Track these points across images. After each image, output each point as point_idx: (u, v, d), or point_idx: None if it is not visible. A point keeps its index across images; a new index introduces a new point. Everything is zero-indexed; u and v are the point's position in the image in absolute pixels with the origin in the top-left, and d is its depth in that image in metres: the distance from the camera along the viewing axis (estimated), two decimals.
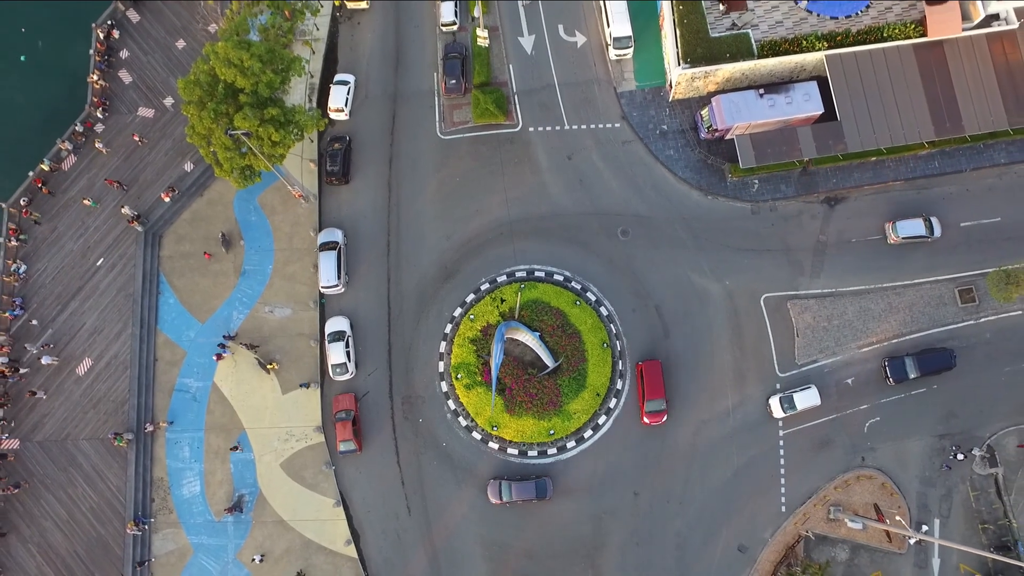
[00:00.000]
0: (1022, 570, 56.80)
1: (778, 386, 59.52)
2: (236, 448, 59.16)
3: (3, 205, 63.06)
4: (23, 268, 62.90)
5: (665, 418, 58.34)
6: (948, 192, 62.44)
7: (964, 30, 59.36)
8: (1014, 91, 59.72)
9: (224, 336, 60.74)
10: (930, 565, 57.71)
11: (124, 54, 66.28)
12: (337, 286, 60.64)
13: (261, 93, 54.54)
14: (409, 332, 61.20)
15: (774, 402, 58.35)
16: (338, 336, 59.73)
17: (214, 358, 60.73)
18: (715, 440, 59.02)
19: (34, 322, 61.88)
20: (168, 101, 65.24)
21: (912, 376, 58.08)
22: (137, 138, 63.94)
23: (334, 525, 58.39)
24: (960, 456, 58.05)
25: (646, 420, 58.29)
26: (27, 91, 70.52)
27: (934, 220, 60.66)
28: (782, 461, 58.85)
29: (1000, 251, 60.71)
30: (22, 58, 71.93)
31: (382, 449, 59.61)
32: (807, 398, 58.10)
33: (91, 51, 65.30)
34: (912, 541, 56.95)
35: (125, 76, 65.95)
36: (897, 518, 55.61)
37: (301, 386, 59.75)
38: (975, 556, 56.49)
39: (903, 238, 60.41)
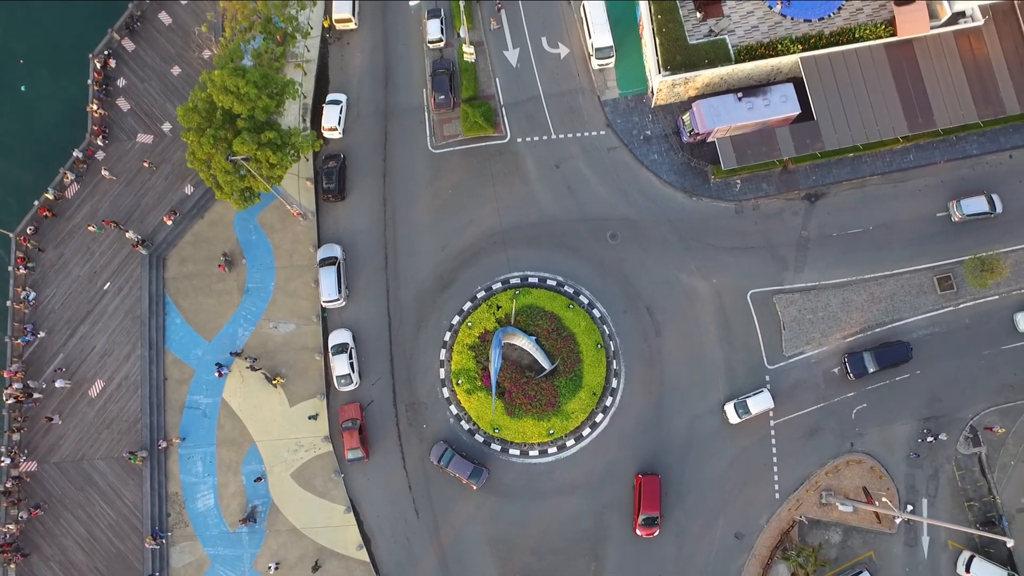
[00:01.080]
0: (1007, 544, 59.23)
1: (772, 374, 61.80)
2: (260, 480, 61.13)
3: (10, 235, 64.92)
4: (32, 295, 64.82)
5: (657, 532, 59.09)
6: (924, 184, 64.71)
7: (932, 28, 61.42)
8: (982, 85, 61.97)
9: (231, 353, 62.76)
10: (920, 543, 60.02)
11: (121, 82, 68.19)
12: (338, 300, 62.69)
13: (258, 118, 56.51)
14: (410, 341, 63.31)
15: (729, 408, 60.25)
16: (341, 348, 61.82)
17: (215, 375, 62.66)
18: (709, 432, 61.22)
19: (42, 333, 63.50)
20: (166, 127, 67.17)
21: (871, 370, 60.17)
22: (147, 164, 65.82)
23: (345, 531, 60.51)
24: (929, 439, 60.35)
25: (638, 532, 59.07)
26: (28, 121, 72.39)
27: (995, 197, 62.54)
28: (774, 450, 61.08)
29: (975, 239, 62.93)
30: (22, 88, 73.77)
31: (389, 455, 61.72)
32: (760, 402, 60.01)
33: (89, 81, 67.19)
34: (898, 520, 59.25)
35: (123, 104, 67.87)
36: (883, 499, 57.94)
37: (310, 419, 61.69)
38: (963, 532, 58.85)
39: (967, 215, 62.36)
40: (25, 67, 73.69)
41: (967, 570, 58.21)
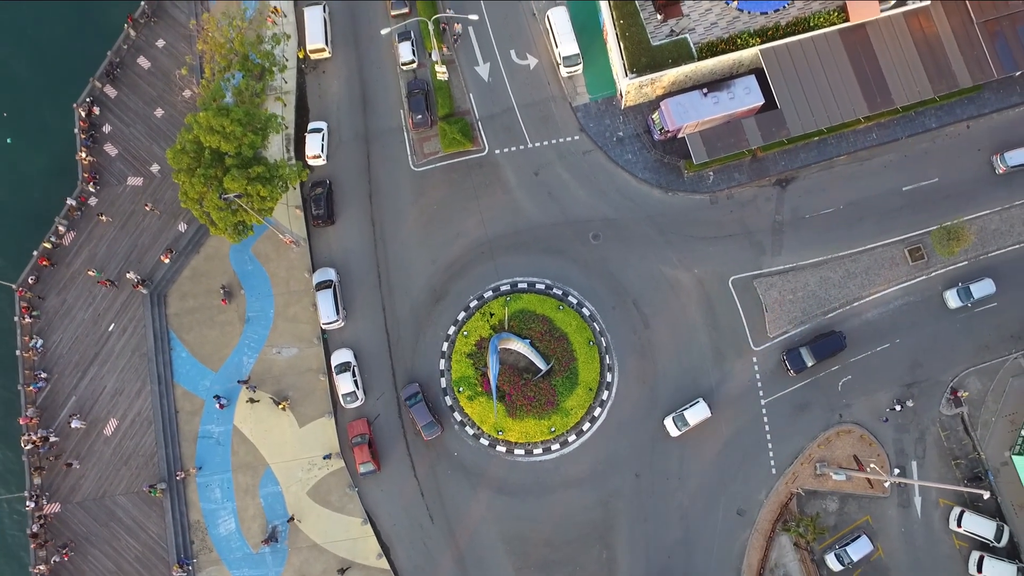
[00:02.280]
0: (994, 497, 62.22)
1: (758, 355, 64.46)
2: (292, 519, 63.17)
3: (12, 286, 66.77)
4: (40, 342, 66.73)
5: None
6: (889, 160, 67.44)
7: (882, 11, 64.04)
8: (934, 61, 64.65)
9: (238, 381, 64.91)
10: (913, 503, 62.85)
11: (107, 128, 70.07)
12: (337, 321, 64.91)
13: (245, 154, 58.62)
14: (409, 355, 65.60)
15: (668, 422, 62.47)
16: (344, 367, 64.06)
17: (217, 407, 64.77)
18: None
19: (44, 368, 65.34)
20: (155, 168, 69.11)
21: (809, 364, 62.55)
22: (148, 207, 67.63)
23: (364, 542, 62.85)
24: (897, 407, 63.17)
25: None
26: (18, 173, 74.07)
27: None
28: (767, 428, 63.76)
29: (941, 209, 65.84)
30: (8, 140, 75.44)
31: (399, 465, 64.06)
32: (697, 412, 62.23)
33: (75, 130, 69.02)
34: (887, 484, 62.05)
35: (111, 149, 69.75)
36: (872, 465, 60.77)
37: (324, 458, 63.72)
38: (952, 489, 61.72)
39: (1012, 167, 64.98)
40: (9, 120, 75.30)
41: (959, 524, 61.15)
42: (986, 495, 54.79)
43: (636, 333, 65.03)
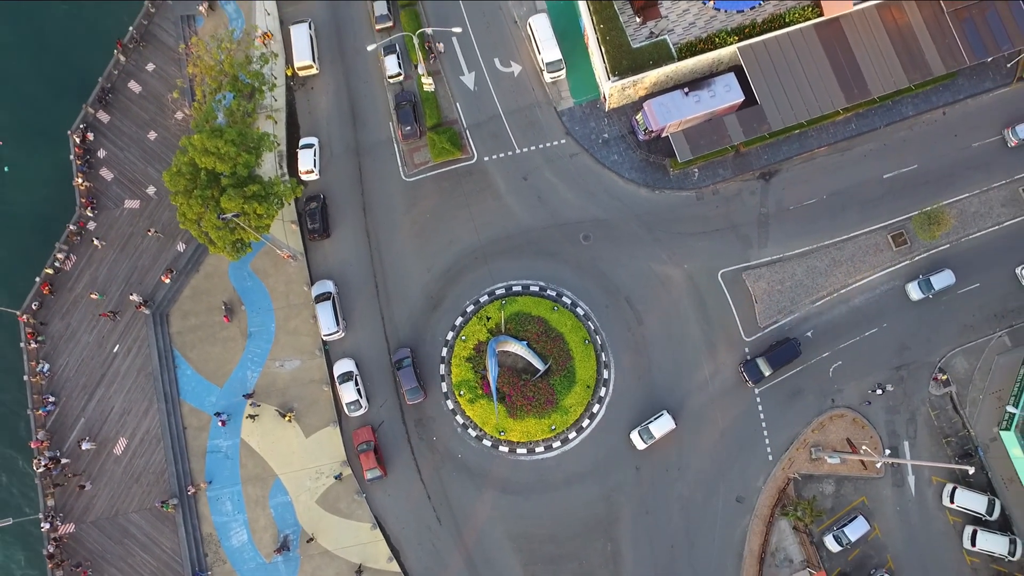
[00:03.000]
0: (986, 474, 63.94)
1: (750, 346, 66.10)
2: (312, 540, 64.39)
3: (16, 312, 67.95)
4: (47, 367, 67.96)
5: None
6: (869, 149, 69.12)
7: (855, 5, 65.65)
8: (908, 51, 66.28)
9: (243, 396, 66.26)
10: (907, 482, 64.58)
11: (102, 153, 71.27)
12: (337, 332, 66.28)
13: (240, 173, 59.95)
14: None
15: (634, 435, 63.89)
16: (347, 376, 65.46)
17: (219, 424, 66.12)
18: (698, 408, 65.37)
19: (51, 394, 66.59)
20: (151, 190, 70.35)
21: (767, 373, 63.97)
22: (151, 232, 68.90)
23: (375, 546, 64.27)
24: (879, 391, 64.87)
25: None
26: (16, 201, 75.08)
27: None
28: (762, 416, 65.37)
29: (921, 195, 67.58)
30: (5, 169, 76.52)
31: (405, 470, 65.49)
32: (662, 425, 63.64)
33: (71, 156, 70.22)
34: (879, 464, 63.75)
35: (106, 174, 70.98)
36: (864, 447, 62.46)
37: (335, 478, 65.03)
38: (946, 468, 63.45)
39: (1022, 140, 67.00)
40: (4, 148, 76.30)
41: (952, 500, 62.91)
42: (971, 471, 56.42)
43: (630, 330, 66.56)
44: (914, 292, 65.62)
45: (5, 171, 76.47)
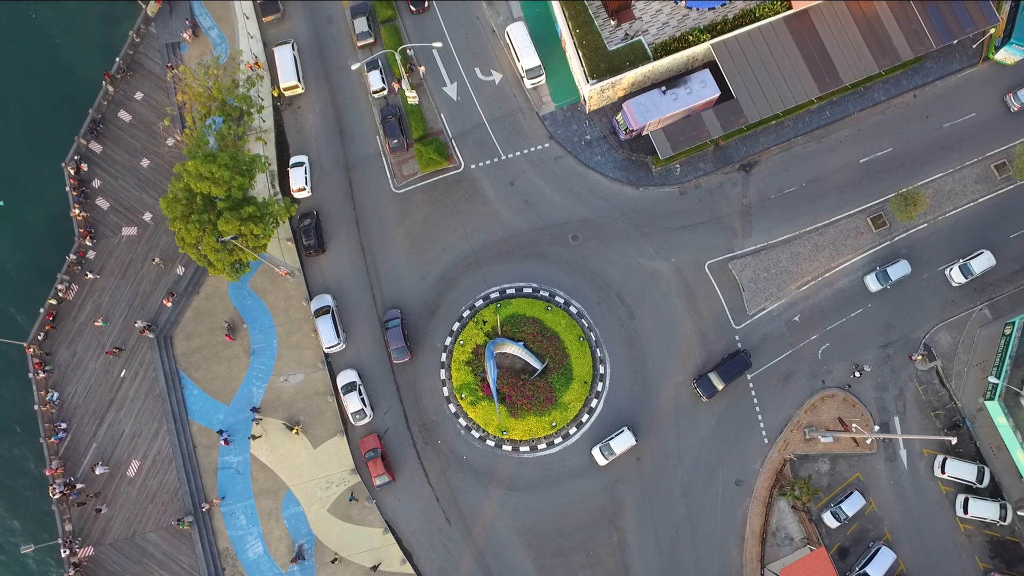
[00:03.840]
0: (974, 443, 66.07)
1: (740, 333, 68.05)
2: (336, 559, 65.92)
3: (23, 344, 69.43)
4: (56, 395, 69.47)
5: None
6: (844, 135, 71.07)
7: None
8: (876, 38, 68.12)
9: (251, 409, 67.95)
10: (899, 457, 66.63)
11: (96, 183, 72.71)
12: (338, 344, 67.95)
13: (235, 196, 61.54)
14: (410, 368, 68.68)
15: (596, 452, 65.54)
16: (350, 387, 67.19)
17: (222, 443, 67.71)
18: (693, 396, 67.27)
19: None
20: (147, 216, 71.85)
21: (719, 387, 65.46)
22: (156, 261, 70.29)
23: (387, 550, 66.06)
24: (857, 374, 66.93)
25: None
26: (14, 235, 76.48)
27: None
28: (755, 401, 67.34)
29: (897, 177, 69.60)
30: (1, 203, 77.86)
31: (412, 474, 67.29)
32: (623, 442, 65.26)
33: (67, 188, 71.64)
34: (869, 441, 65.78)
35: (103, 203, 72.42)
36: (855, 425, 64.48)
37: (350, 500, 66.57)
38: (932, 439, 65.53)
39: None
40: (1, 184, 77.71)
41: (943, 471, 65.03)
42: (954, 440, 58.34)
43: (623, 325, 68.43)
44: (872, 284, 67.58)
45: (1, 205, 77.67)
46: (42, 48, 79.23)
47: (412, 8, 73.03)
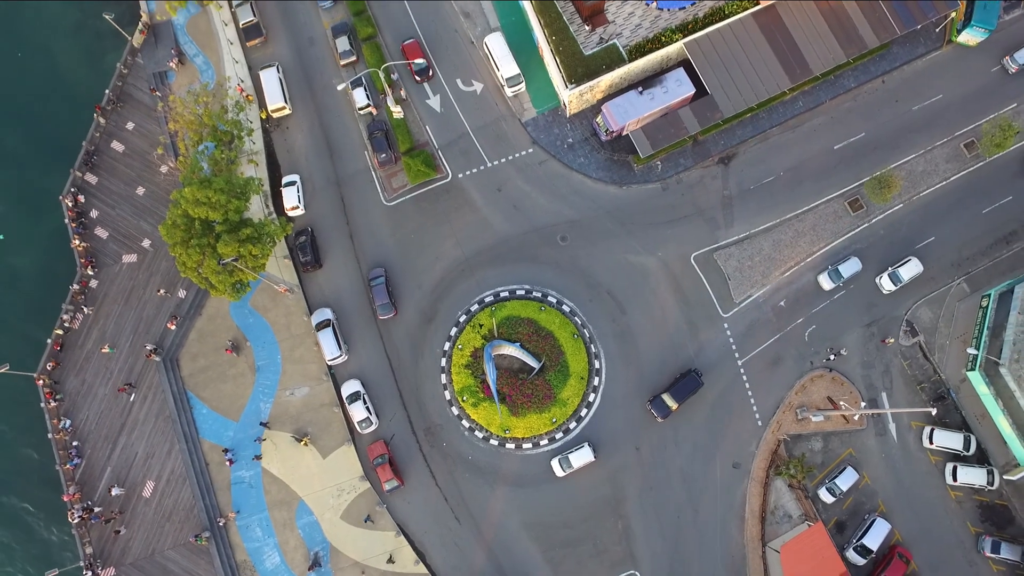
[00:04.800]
0: (960, 413, 68.48)
1: (728, 321, 70.28)
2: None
3: (33, 375, 71.18)
4: (68, 423, 71.28)
5: None
6: (817, 124, 73.34)
7: None
8: (842, 28, 70.33)
9: (261, 423, 69.90)
10: (888, 431, 69.01)
11: (94, 214, 74.49)
12: (340, 356, 69.93)
13: (232, 219, 63.44)
14: (412, 375, 70.76)
15: (555, 463, 67.52)
16: (355, 396, 69.21)
17: (227, 463, 69.60)
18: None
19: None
20: (146, 243, 73.66)
21: (673, 407, 67.12)
22: (161, 292, 72.15)
23: (400, 552, 68.12)
24: (832, 357, 69.19)
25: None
26: (15, 269, 78.18)
27: None
28: (747, 385, 69.57)
29: (871, 161, 71.89)
30: (0, 237, 79.49)
31: (420, 477, 69.36)
32: (582, 456, 67.16)
33: (66, 220, 73.37)
34: (856, 417, 68.13)
35: (101, 232, 74.22)
36: (843, 402, 66.84)
37: (365, 520, 68.29)
38: (921, 412, 67.93)
39: (1022, 65, 71.36)
40: (1, 219, 79.39)
41: (931, 441, 67.45)
42: (934, 411, 60.50)
43: (615, 320, 70.60)
44: (825, 282, 69.84)
45: (0, 239, 79.24)
46: (32, 85, 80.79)
47: (416, 79, 74.38)
